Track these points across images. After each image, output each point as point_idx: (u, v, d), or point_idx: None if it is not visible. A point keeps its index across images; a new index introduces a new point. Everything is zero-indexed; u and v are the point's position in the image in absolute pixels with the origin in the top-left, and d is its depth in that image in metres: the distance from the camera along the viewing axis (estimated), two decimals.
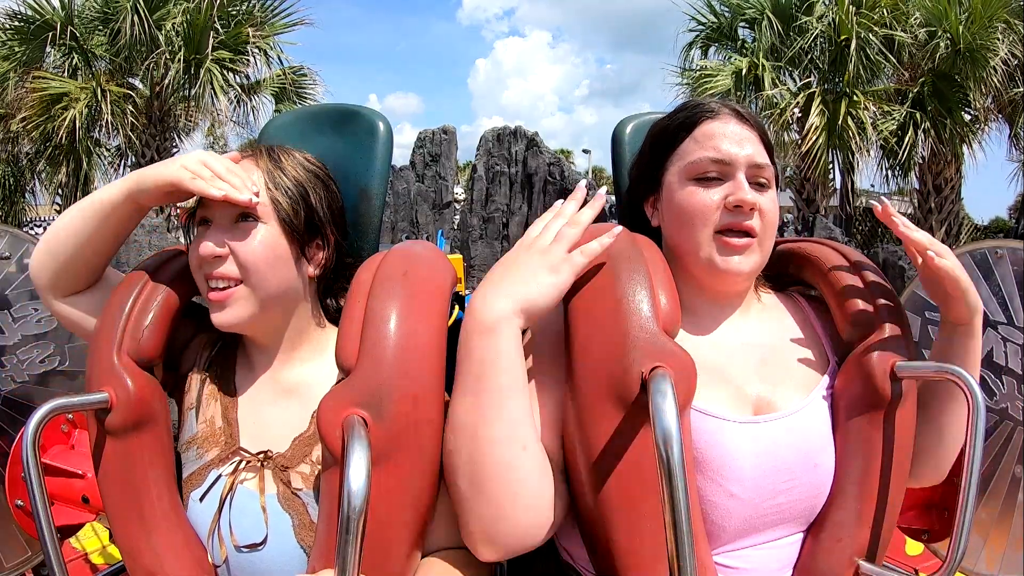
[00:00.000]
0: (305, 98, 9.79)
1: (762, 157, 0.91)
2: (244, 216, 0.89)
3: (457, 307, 1.23)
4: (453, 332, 0.84)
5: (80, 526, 1.38)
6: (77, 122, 8.24)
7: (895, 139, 8.39)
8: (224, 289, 0.87)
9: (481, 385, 0.77)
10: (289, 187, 0.92)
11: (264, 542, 0.85)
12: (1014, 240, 1.43)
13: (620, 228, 0.86)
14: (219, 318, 0.89)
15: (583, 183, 0.91)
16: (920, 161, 8.85)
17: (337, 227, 0.97)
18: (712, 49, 9.44)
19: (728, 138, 0.90)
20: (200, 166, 0.87)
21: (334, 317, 0.98)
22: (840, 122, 8.08)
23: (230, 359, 0.97)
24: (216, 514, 0.86)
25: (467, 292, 1.30)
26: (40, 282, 0.95)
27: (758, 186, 0.90)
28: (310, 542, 0.84)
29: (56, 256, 0.93)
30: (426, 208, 6.74)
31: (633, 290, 0.78)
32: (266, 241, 0.88)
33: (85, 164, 8.96)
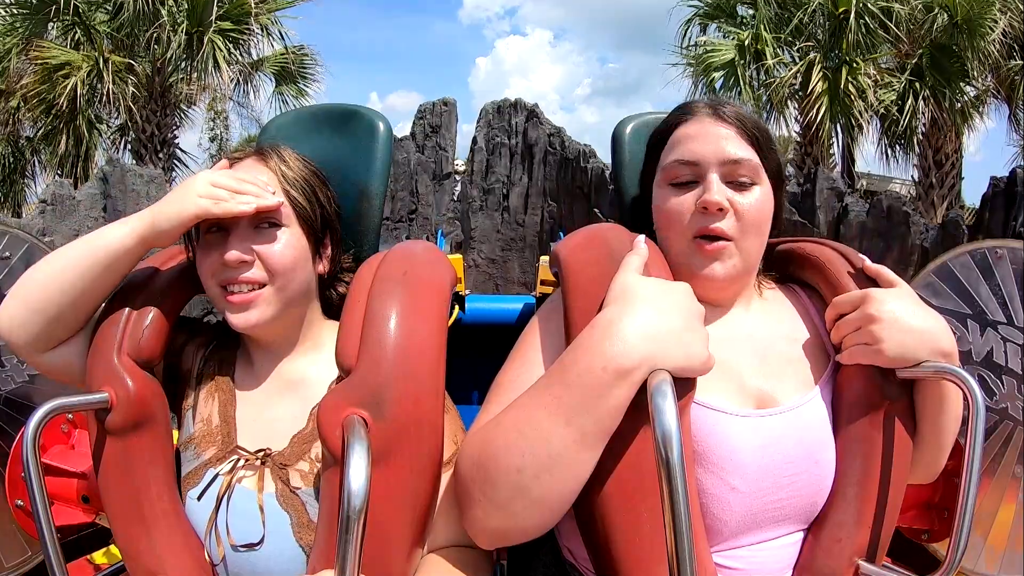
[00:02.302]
0: (307, 78, 9.70)
1: (739, 151, 0.88)
2: (265, 220, 0.88)
3: (457, 307, 1.22)
4: (453, 332, 0.84)
5: (80, 526, 1.37)
6: (79, 89, 8.10)
7: (896, 107, 8.35)
8: (249, 292, 0.87)
9: (595, 429, 0.71)
10: (303, 186, 0.93)
11: (261, 542, 0.85)
12: (1014, 240, 1.43)
13: (642, 238, 0.86)
14: (241, 319, 0.87)
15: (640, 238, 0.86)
16: (920, 137, 8.81)
17: (338, 224, 1.00)
18: (712, 27, 9.37)
19: (699, 138, 0.89)
20: (214, 189, 0.85)
21: (334, 312, 0.98)
22: (842, 87, 8.04)
23: (229, 358, 0.97)
24: (213, 513, 0.86)
25: (467, 292, 1.31)
26: (21, 341, 0.86)
27: (737, 185, 0.88)
28: (308, 541, 0.84)
29: (43, 312, 0.85)
30: (426, 178, 6.73)
31: None
32: (291, 243, 0.89)
33: (86, 139, 8.87)
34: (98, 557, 1.43)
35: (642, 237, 0.85)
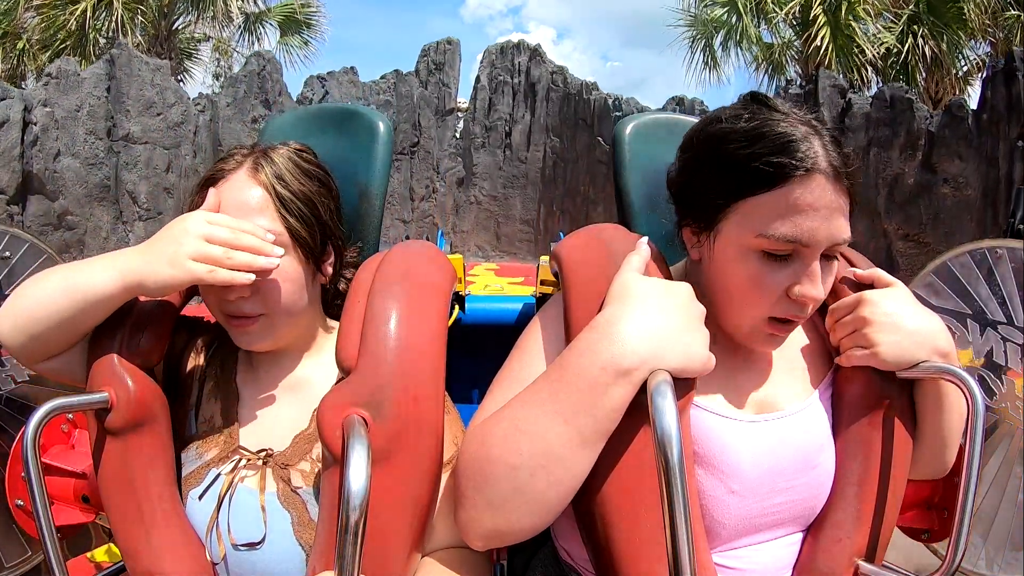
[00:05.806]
0: (311, 27, 9.67)
1: (845, 232, 0.78)
2: None
3: (457, 307, 1.22)
4: (453, 332, 0.84)
5: (80, 526, 1.38)
6: (88, 12, 7.97)
7: (895, 53, 8.30)
8: (246, 318, 0.87)
9: (593, 429, 0.71)
10: (301, 208, 0.88)
11: (262, 542, 0.85)
12: (1014, 240, 1.44)
13: (645, 239, 0.84)
14: (244, 342, 0.89)
15: (644, 240, 0.84)
16: (921, 88, 8.72)
17: (339, 225, 0.97)
18: None
19: (817, 212, 0.75)
20: (207, 246, 0.80)
21: (335, 314, 0.98)
22: (842, 19, 7.98)
23: (231, 359, 0.97)
24: (214, 512, 0.87)
25: (467, 292, 1.30)
26: (14, 349, 0.87)
27: (825, 259, 0.80)
28: (309, 540, 0.84)
29: (29, 332, 0.84)
30: (429, 113, 6.75)
31: None
32: (287, 275, 0.87)
33: None
34: (98, 555, 1.43)
35: (645, 239, 0.85)
